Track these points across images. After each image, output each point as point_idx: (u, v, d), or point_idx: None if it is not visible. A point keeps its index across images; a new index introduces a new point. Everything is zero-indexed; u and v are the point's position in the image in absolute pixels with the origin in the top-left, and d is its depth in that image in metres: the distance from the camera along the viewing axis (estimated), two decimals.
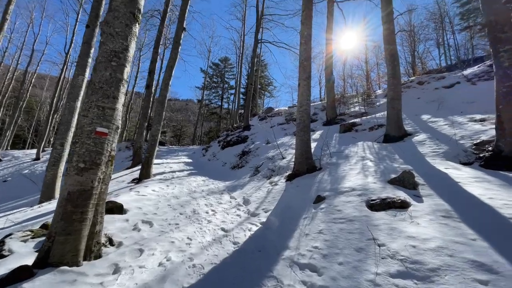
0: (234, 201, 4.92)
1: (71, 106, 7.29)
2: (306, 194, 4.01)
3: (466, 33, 18.61)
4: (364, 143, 6.51)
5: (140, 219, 3.41)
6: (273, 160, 7.54)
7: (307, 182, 4.59)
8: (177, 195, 5.13)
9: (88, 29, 7.68)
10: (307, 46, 5.92)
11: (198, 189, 6.07)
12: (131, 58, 2.82)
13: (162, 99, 7.91)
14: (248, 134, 13.48)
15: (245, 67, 29.06)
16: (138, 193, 4.91)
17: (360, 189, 3.44)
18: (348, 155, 5.58)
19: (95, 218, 2.35)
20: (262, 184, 5.82)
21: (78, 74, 7.37)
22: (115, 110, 2.55)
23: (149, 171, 7.28)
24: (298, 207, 3.66)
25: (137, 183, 6.79)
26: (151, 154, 7.40)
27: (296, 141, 5.50)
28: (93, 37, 7.74)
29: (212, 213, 4.07)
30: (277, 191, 4.76)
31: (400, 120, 6.41)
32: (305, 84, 5.72)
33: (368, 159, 4.93)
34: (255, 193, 5.19)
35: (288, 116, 13.49)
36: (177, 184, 6.37)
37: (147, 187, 5.62)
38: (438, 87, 9.80)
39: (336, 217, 2.94)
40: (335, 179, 4.23)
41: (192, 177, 7.79)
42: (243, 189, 5.96)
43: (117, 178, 8.35)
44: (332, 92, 10.69)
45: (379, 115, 8.78)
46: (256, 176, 6.84)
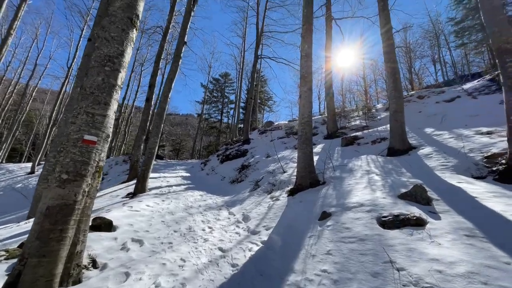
0: (233, 218, 4.62)
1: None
2: (310, 210, 3.74)
3: (461, 50, 19.08)
4: (368, 156, 6.31)
5: (130, 237, 3.11)
6: (273, 174, 7.28)
7: (310, 197, 4.33)
8: (173, 211, 4.83)
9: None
10: (308, 59, 5.89)
11: (195, 204, 5.76)
12: (127, 64, 2.69)
13: (161, 112, 7.79)
14: (247, 148, 13.29)
15: (245, 82, 29.51)
16: (131, 209, 4.61)
17: (369, 205, 3.19)
18: (352, 169, 5.36)
19: (76, 237, 2.09)
20: (262, 199, 5.54)
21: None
22: (106, 117, 2.37)
23: (144, 185, 6.99)
24: (302, 224, 3.38)
25: (132, 197, 6.48)
26: (147, 168, 7.15)
27: (298, 154, 5.30)
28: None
29: (209, 231, 3.76)
30: (279, 206, 4.48)
31: (404, 133, 6.26)
32: (307, 96, 5.62)
33: (373, 173, 4.70)
34: (255, 208, 4.90)
35: (289, 129, 13.38)
36: (173, 199, 6.06)
37: (141, 202, 5.32)
38: (439, 101, 9.78)
39: (345, 235, 2.67)
40: (341, 194, 3.98)
41: (189, 192, 7.49)
42: (242, 204, 5.67)
43: (112, 192, 8.04)
44: (332, 106, 10.65)
45: (381, 129, 8.66)
46: (256, 191, 6.55)
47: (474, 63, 19.88)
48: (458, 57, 19.65)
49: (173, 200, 5.91)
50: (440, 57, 19.39)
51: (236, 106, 25.47)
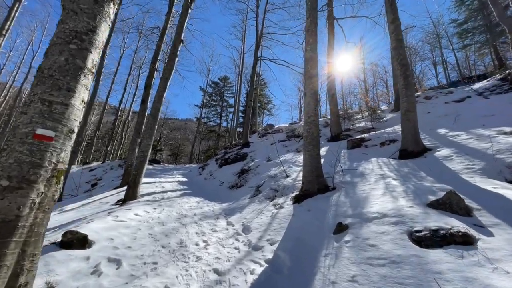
0: (232, 229, 4.07)
1: None
2: (321, 221, 3.20)
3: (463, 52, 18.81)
4: (378, 159, 5.80)
5: (106, 256, 2.57)
6: (275, 179, 6.75)
7: (320, 204, 3.80)
8: (164, 221, 4.27)
9: None
10: (313, 54, 5.44)
11: (190, 212, 5.21)
12: (101, 45, 2.19)
13: (155, 113, 7.29)
14: (247, 151, 12.77)
15: (245, 85, 29.17)
16: (115, 218, 4.06)
17: (393, 215, 2.66)
18: (364, 173, 4.84)
19: (19, 265, 1.55)
20: (264, 206, 4.99)
21: None
22: (69, 107, 1.86)
23: (136, 192, 6.43)
24: (314, 238, 2.85)
25: (122, 205, 5.92)
26: (139, 172, 6.60)
27: (304, 156, 4.78)
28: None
29: (203, 246, 3.22)
30: (284, 216, 3.93)
31: (417, 133, 5.76)
32: (312, 93, 5.14)
33: (389, 177, 4.18)
34: (257, 218, 4.35)
35: (290, 132, 12.89)
36: (166, 207, 5.51)
37: (130, 210, 4.77)
38: (448, 101, 9.34)
39: (371, 255, 2.13)
40: (356, 201, 3.45)
41: (185, 198, 6.93)
42: (242, 212, 5.12)
43: (102, 199, 7.47)
44: (336, 107, 10.18)
45: (388, 130, 8.17)
46: (257, 197, 6.01)
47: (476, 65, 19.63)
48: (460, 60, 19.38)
49: (166, 208, 5.35)
50: (443, 59, 19.09)
51: (235, 109, 25.07)
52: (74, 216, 5.50)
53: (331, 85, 10.45)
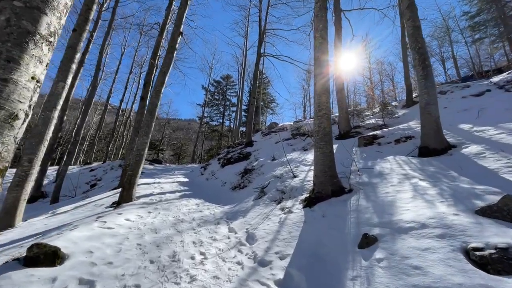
0: (234, 237, 3.56)
1: (47, 116, 6.18)
2: (341, 230, 2.67)
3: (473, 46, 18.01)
4: (396, 157, 5.24)
5: (78, 277, 2.07)
6: (282, 179, 6.22)
7: (336, 210, 3.26)
8: (157, 227, 3.78)
9: (74, 33, 6.87)
10: (323, 40, 4.90)
11: (188, 217, 4.71)
12: (63, 8, 1.69)
13: (152, 108, 6.82)
14: (250, 150, 12.27)
15: (247, 84, 28.68)
16: (103, 225, 3.58)
17: (435, 225, 2.12)
18: (382, 172, 4.28)
19: None
20: (270, 210, 4.47)
21: (59, 81, 6.36)
22: (9, 84, 1.36)
23: (131, 193, 5.96)
24: (334, 253, 2.32)
25: (115, 208, 5.46)
26: (134, 173, 6.13)
27: (315, 154, 4.24)
28: (79, 42, 6.88)
29: (200, 260, 2.71)
30: (294, 222, 3.40)
31: (440, 129, 5.19)
32: (323, 84, 4.60)
33: (414, 178, 3.63)
34: (263, 224, 3.83)
35: (295, 130, 12.34)
36: (162, 210, 5.02)
37: (121, 214, 4.29)
38: (466, 95, 8.71)
39: (418, 282, 1.60)
40: (381, 206, 2.91)
41: (184, 200, 6.44)
42: (245, 217, 4.60)
43: (97, 201, 7.03)
44: (344, 103, 9.61)
45: (403, 127, 7.59)
46: (261, 199, 5.49)
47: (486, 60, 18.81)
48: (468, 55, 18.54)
49: (162, 212, 4.86)
50: (453, 54, 18.32)
51: (237, 108, 24.57)
52: (64, 220, 5.07)
53: (338, 80, 9.88)
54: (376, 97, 11.55)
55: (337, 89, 10.07)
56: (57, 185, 10.33)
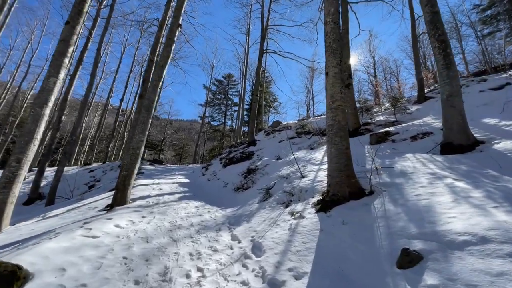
0: (238, 247, 3.07)
1: (37, 113, 5.73)
2: (369, 243, 2.17)
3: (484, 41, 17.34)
4: (416, 155, 4.73)
5: None
6: (288, 180, 5.72)
7: (359, 216, 2.76)
8: (150, 235, 3.30)
9: (67, 25, 6.42)
10: (335, 25, 4.41)
11: (186, 222, 4.23)
12: None
13: (149, 104, 6.37)
14: (253, 149, 11.79)
15: (249, 83, 28.23)
16: (87, 233, 3.12)
17: (500, 239, 1.62)
18: (405, 172, 3.77)
19: None
20: (278, 215, 3.97)
21: (50, 76, 5.92)
22: None
23: (125, 195, 5.50)
24: (365, 272, 1.82)
25: (108, 211, 5.01)
26: (129, 173, 5.68)
27: (329, 151, 3.74)
28: (72, 35, 6.43)
29: (196, 278, 2.22)
30: (308, 230, 2.91)
31: (465, 122, 4.67)
32: (336, 72, 4.10)
33: (447, 177, 3.11)
34: (270, 231, 3.34)
35: (300, 128, 11.84)
36: (158, 215, 4.55)
37: (111, 220, 3.83)
38: (484, 89, 8.15)
39: None
40: (415, 212, 2.41)
41: (183, 203, 5.97)
42: (250, 222, 4.11)
43: (91, 203, 6.60)
44: (353, 99, 9.08)
45: (417, 123, 7.06)
46: (267, 202, 5.00)
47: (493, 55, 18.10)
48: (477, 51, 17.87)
49: (157, 216, 4.39)
50: (462, 49, 17.68)
51: (239, 108, 24.11)
52: (51, 225, 4.63)
53: (345, 74, 9.34)
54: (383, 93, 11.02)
55: (344, 85, 9.54)
56: (53, 186, 9.94)
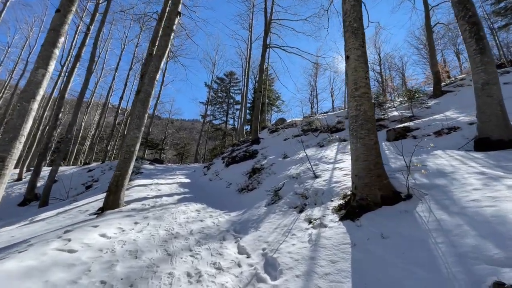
0: (247, 264, 2.49)
1: (23, 108, 5.15)
2: (430, 269, 1.59)
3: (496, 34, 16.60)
4: (446, 152, 4.13)
5: None
6: (299, 180, 5.13)
7: (401, 227, 2.17)
8: (140, 248, 2.74)
9: (58, 13, 5.86)
10: (356, 2, 3.81)
11: (185, 229, 3.66)
12: None
13: (145, 98, 5.81)
14: (257, 148, 11.21)
15: (252, 81, 27.66)
16: (64, 245, 2.56)
17: None
18: (444, 171, 3.16)
19: None
20: (292, 221, 3.39)
21: (38, 67, 5.33)
22: None
23: (118, 198, 4.95)
24: None
25: (98, 215, 4.46)
26: (123, 173, 5.12)
27: (354, 146, 3.15)
28: (63, 24, 5.85)
29: None
30: (334, 244, 2.32)
31: (505, 114, 4.06)
32: (360, 55, 3.51)
33: (503, 178, 2.52)
34: (285, 242, 2.76)
35: (306, 125, 11.24)
36: (154, 220, 3.99)
37: (97, 227, 3.27)
38: (508, 81, 7.51)
39: None
40: (482, 224, 1.81)
41: (183, 206, 5.41)
42: (259, 229, 3.53)
43: (84, 205, 6.08)
44: None
45: (439, 117, 6.44)
46: (276, 205, 4.42)
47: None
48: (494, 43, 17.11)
49: (152, 222, 3.82)
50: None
51: (241, 106, 23.53)
52: (35, 231, 4.10)
53: None
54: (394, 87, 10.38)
55: None
56: (46, 187, 9.42)
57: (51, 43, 5.60)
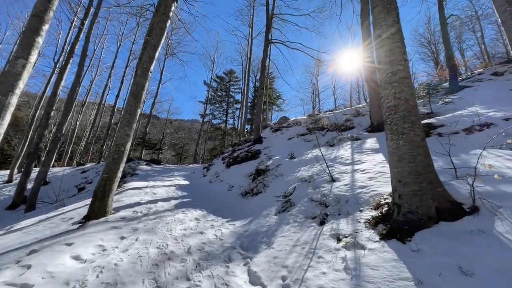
0: None
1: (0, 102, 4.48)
2: None
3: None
4: (490, 151, 3.49)
5: None
6: (314, 184, 4.48)
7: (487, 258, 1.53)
8: (121, 279, 2.07)
9: None
10: None
11: (181, 246, 3.00)
12: None
13: (137, 90, 5.15)
14: (260, 148, 10.55)
15: (252, 79, 27.03)
16: (17, 278, 1.91)
17: None
18: (507, 176, 2.53)
19: None
20: (313, 237, 2.74)
21: (18, 57, 4.65)
22: None
23: (105, 205, 4.28)
24: None
25: (80, 226, 3.79)
26: (111, 176, 4.46)
27: (394, 145, 2.50)
28: (47, 10, 5.17)
29: None
30: (385, 277, 1.67)
31: None
32: (394, 33, 2.86)
33: None
34: (311, 268, 2.12)
35: (312, 124, 10.59)
36: (144, 233, 3.33)
37: (71, 245, 2.61)
38: None
39: None
40: None
41: (180, 213, 4.75)
42: (272, 246, 2.88)
43: (69, 212, 5.41)
44: (378, 90, 7.83)
45: (465, 113, 5.80)
46: (289, 213, 3.77)
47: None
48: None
49: (142, 237, 3.16)
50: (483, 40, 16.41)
51: (242, 106, 22.87)
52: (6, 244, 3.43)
53: (371, 60, 8.09)
54: None
55: (367, 72, 8.31)
56: (34, 190, 8.73)
57: (33, 30, 4.89)
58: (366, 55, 8.15)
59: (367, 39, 8.13)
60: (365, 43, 8.16)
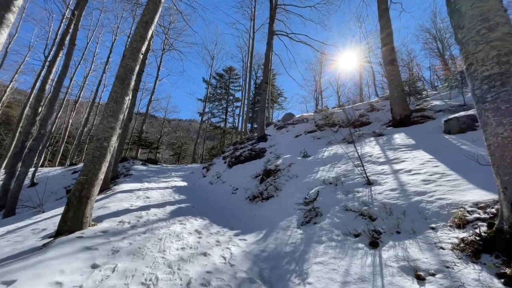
0: None
1: None
2: None
3: None
4: None
5: None
6: (343, 188, 3.60)
7: None
8: None
9: None
10: None
11: (177, 277, 2.10)
12: None
13: (125, 74, 4.23)
14: (265, 146, 9.68)
15: (253, 76, 26.11)
16: None
17: None
18: None
19: None
20: (370, 268, 1.87)
21: None
22: None
23: (82, 214, 3.35)
24: None
25: (45, 245, 2.87)
26: (90, 179, 3.54)
27: (506, 133, 1.64)
28: None
29: None
30: None
31: None
32: None
33: None
34: None
35: (322, 120, 9.72)
36: (127, 257, 2.43)
37: (11, 284, 1.72)
38: None
39: None
40: None
41: (177, 224, 3.85)
42: (307, 280, 2.00)
43: (47, 219, 4.57)
44: (399, 79, 6.98)
45: None
46: (318, 226, 2.90)
47: None
48: None
49: (123, 264, 2.27)
50: None
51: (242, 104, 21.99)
52: None
53: (389, 48, 7.23)
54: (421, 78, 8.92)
55: (385, 62, 7.45)
56: (13, 193, 7.78)
57: (3, 4, 3.93)
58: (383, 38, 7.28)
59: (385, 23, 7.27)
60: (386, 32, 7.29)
